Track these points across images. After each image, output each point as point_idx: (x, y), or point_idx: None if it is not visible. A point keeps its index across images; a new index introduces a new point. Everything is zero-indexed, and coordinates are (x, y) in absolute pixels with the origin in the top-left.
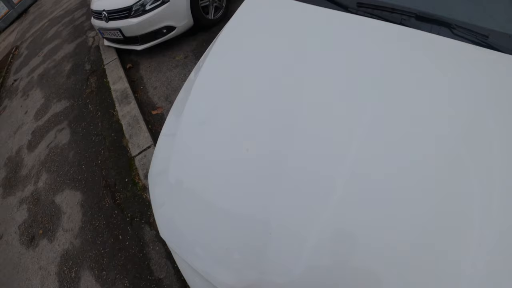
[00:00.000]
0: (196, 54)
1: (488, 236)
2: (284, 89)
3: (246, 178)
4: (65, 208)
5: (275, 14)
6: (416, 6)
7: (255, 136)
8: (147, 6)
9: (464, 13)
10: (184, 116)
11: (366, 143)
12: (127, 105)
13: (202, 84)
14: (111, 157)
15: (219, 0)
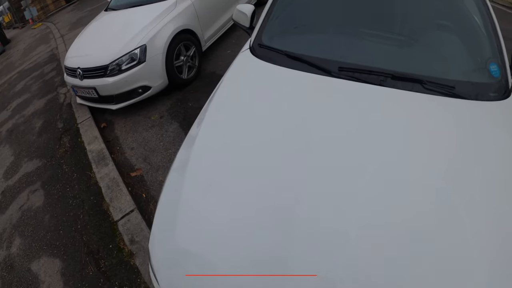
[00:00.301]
0: (171, 114)
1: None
2: (284, 150)
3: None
4: (43, 277)
5: (264, 78)
6: (390, 67)
7: (263, 196)
8: (123, 66)
9: (432, 68)
10: (187, 179)
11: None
12: (105, 167)
13: (202, 148)
14: (92, 222)
15: (192, 60)
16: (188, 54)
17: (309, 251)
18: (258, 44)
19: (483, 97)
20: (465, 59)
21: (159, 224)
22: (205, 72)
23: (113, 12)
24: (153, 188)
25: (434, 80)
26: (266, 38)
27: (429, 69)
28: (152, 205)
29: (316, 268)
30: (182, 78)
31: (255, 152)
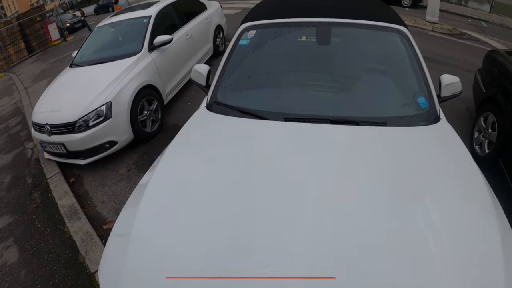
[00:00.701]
0: (138, 167)
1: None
2: (237, 193)
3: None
4: None
5: (216, 129)
6: (329, 113)
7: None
8: (90, 122)
9: (365, 110)
10: (140, 211)
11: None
12: (78, 221)
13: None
14: (69, 275)
15: (155, 114)
16: (151, 109)
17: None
18: (214, 102)
19: (415, 125)
20: (395, 96)
21: (109, 255)
22: (168, 125)
23: (78, 68)
24: None
25: (368, 120)
26: (220, 96)
27: (363, 111)
28: None
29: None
30: (146, 131)
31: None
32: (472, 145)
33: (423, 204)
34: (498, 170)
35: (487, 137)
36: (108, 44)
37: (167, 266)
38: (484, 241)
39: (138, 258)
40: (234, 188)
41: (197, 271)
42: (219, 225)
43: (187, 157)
